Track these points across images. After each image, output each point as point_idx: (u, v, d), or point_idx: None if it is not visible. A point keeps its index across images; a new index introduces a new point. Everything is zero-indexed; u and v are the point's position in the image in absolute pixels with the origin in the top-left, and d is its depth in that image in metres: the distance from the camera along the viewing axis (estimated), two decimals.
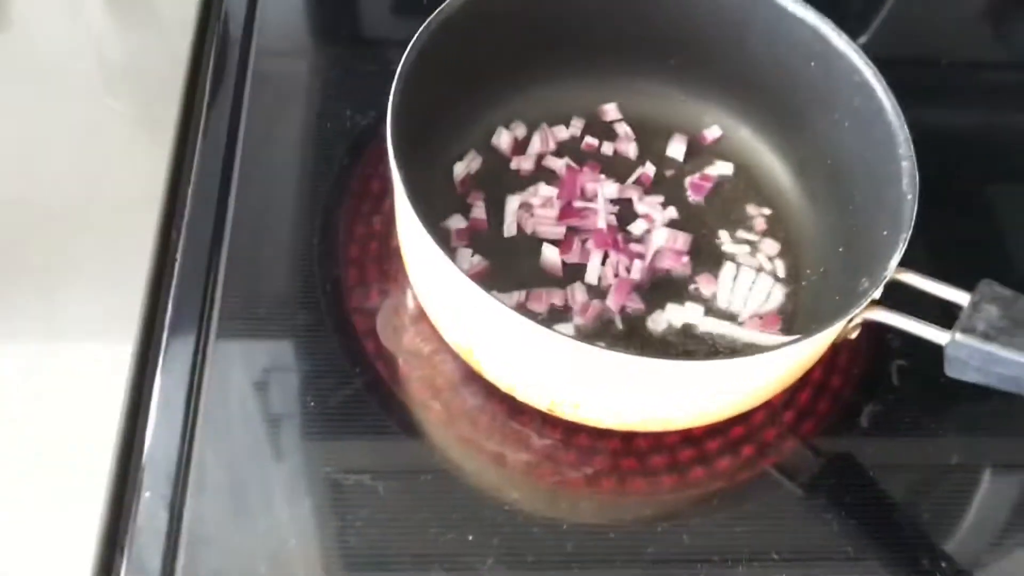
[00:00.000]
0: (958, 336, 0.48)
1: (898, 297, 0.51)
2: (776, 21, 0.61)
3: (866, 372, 0.59)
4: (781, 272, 0.62)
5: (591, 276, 0.60)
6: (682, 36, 0.65)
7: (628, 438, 0.56)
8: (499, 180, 0.64)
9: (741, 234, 0.63)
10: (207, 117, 0.66)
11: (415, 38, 0.56)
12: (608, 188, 0.63)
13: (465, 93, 0.63)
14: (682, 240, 0.62)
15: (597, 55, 0.66)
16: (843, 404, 0.59)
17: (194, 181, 0.63)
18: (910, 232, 0.50)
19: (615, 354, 0.48)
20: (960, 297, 0.50)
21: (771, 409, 0.57)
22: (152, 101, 0.67)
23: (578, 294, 0.60)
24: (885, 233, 0.52)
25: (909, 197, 0.52)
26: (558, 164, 0.64)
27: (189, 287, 0.59)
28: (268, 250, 0.61)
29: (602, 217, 0.62)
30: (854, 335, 0.52)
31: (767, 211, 0.64)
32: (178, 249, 0.60)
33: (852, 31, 0.59)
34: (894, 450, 0.57)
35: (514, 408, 0.56)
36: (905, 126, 0.55)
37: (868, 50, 0.58)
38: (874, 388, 0.59)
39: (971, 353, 0.48)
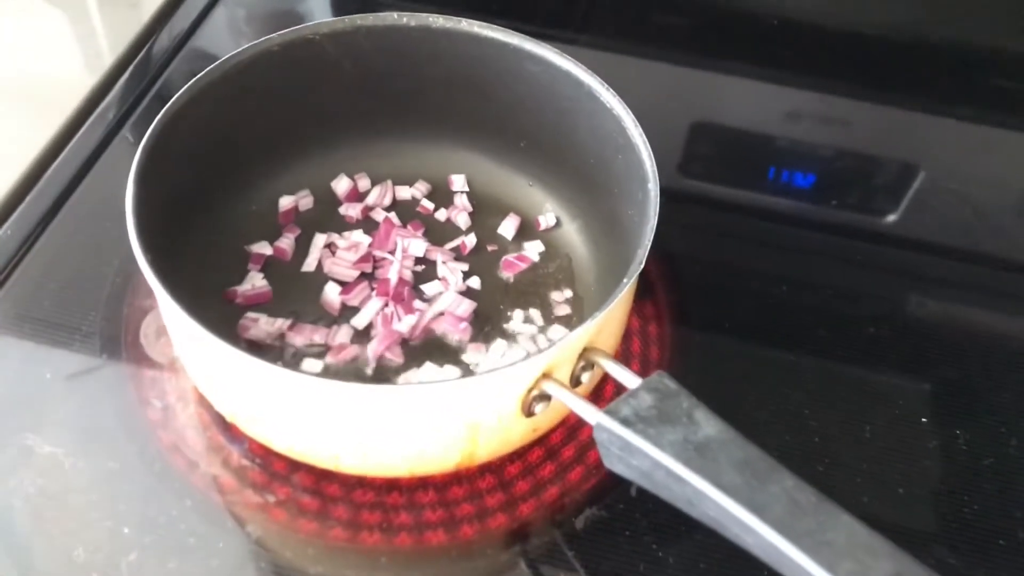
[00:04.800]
0: (602, 418, 0.45)
1: None
2: (601, 114, 0.61)
3: None
4: None
5: (360, 320, 0.61)
6: (523, 121, 0.66)
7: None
8: (323, 221, 0.66)
9: (534, 317, 0.62)
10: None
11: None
12: (415, 245, 0.64)
13: (301, 139, 0.66)
14: (464, 307, 0.61)
15: (454, 126, 0.68)
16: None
17: (37, 188, 0.68)
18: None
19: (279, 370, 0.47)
20: (633, 383, 0.47)
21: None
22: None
23: (340, 334, 0.60)
24: None
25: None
26: (380, 216, 0.66)
27: None
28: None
29: (394, 269, 0.62)
30: (539, 408, 0.50)
31: (569, 296, 0.63)
32: None
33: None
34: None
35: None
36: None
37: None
38: None
39: (611, 438, 0.45)
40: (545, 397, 0.50)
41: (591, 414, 0.46)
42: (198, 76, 0.58)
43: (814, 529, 0.40)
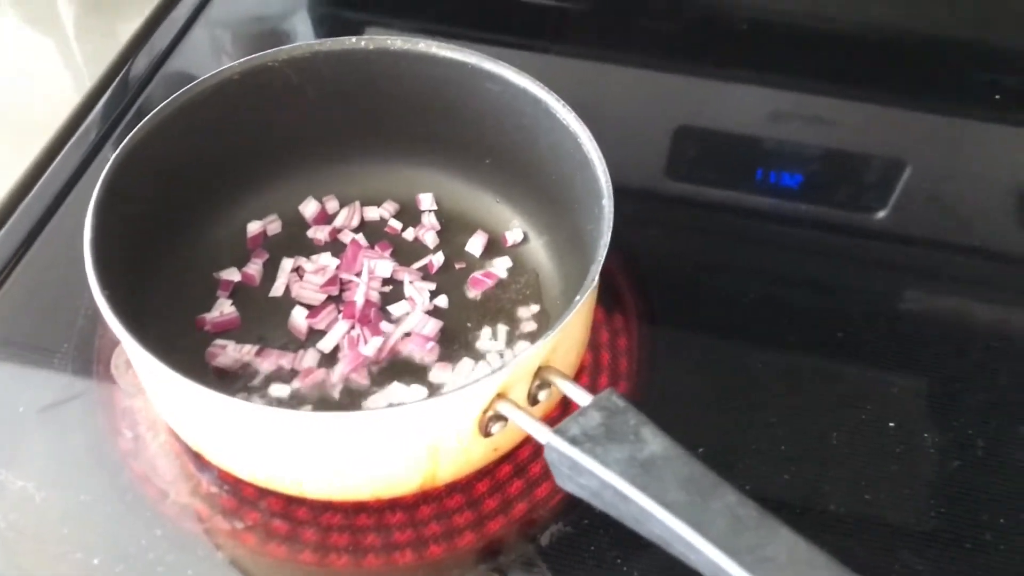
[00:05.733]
0: (551, 438, 0.45)
1: None
2: (558, 131, 0.61)
3: None
4: None
5: (326, 344, 0.61)
6: (487, 139, 0.66)
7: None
8: (291, 245, 0.66)
9: (501, 333, 0.63)
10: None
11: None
12: (381, 267, 0.64)
13: (267, 165, 0.67)
14: (431, 327, 0.62)
15: (419, 146, 0.69)
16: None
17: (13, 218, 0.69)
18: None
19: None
20: (584, 401, 0.47)
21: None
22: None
23: (307, 359, 0.60)
24: None
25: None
26: (348, 238, 0.66)
27: None
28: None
29: (361, 292, 0.63)
30: (496, 428, 0.50)
31: (537, 311, 0.64)
32: None
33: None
34: None
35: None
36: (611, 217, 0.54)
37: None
38: None
39: (561, 458, 0.45)
40: (502, 417, 0.50)
41: (541, 434, 0.47)
42: (156, 109, 0.59)
43: (755, 545, 0.40)
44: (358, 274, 0.64)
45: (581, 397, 0.48)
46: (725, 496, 0.42)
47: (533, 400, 0.52)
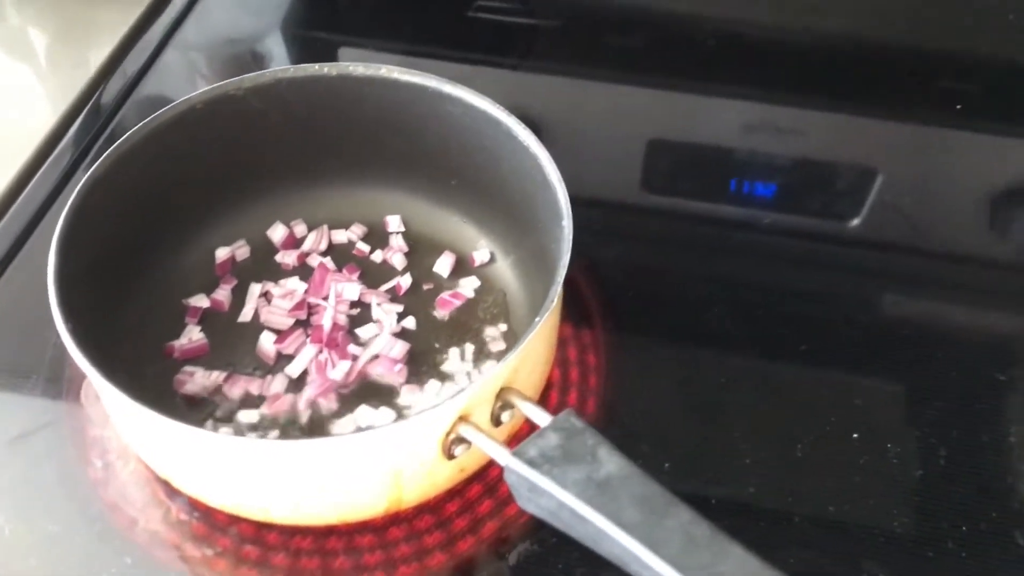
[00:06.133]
0: (509, 460, 0.46)
1: None
2: (520, 152, 0.62)
3: None
4: None
5: (294, 369, 0.61)
6: (452, 161, 0.67)
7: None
8: (260, 270, 0.67)
9: (469, 354, 0.63)
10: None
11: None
12: (349, 290, 0.65)
13: (234, 191, 0.68)
14: (398, 349, 0.62)
15: (386, 169, 0.69)
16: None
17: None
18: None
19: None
20: (544, 422, 0.48)
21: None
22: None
23: (275, 384, 0.61)
24: None
25: None
26: (315, 262, 0.67)
27: None
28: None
29: (328, 315, 0.63)
30: (458, 451, 0.51)
31: (504, 330, 0.64)
32: None
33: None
34: None
35: None
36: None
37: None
38: None
39: (520, 480, 0.46)
40: (465, 440, 0.51)
41: (501, 456, 0.47)
42: (121, 139, 0.60)
43: (708, 563, 0.41)
44: (326, 298, 0.65)
45: (541, 418, 0.48)
46: (679, 514, 0.42)
47: (496, 421, 0.53)
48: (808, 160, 0.81)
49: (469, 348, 0.63)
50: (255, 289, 0.65)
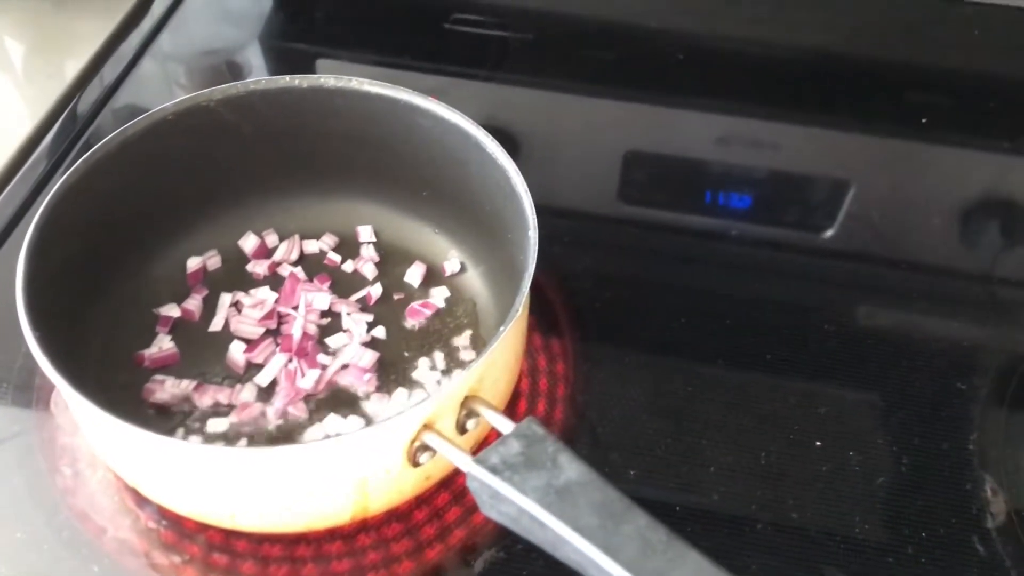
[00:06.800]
0: (472, 467, 0.47)
1: None
2: (489, 164, 0.62)
3: None
4: None
5: (263, 378, 0.62)
6: (423, 172, 0.67)
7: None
8: (231, 279, 0.67)
9: (438, 363, 0.64)
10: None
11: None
12: (319, 299, 0.65)
13: (206, 201, 0.68)
14: (367, 358, 0.63)
15: (358, 179, 0.70)
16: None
17: None
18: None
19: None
20: (507, 429, 0.49)
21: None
22: None
23: (243, 393, 0.61)
24: None
25: None
26: (287, 271, 0.67)
27: None
28: None
29: (298, 325, 0.64)
30: (423, 458, 0.51)
31: (474, 340, 0.65)
32: None
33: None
34: None
35: None
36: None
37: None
38: None
39: (482, 486, 0.46)
40: (430, 448, 0.51)
41: (464, 463, 0.48)
42: (92, 150, 0.60)
43: (663, 568, 0.41)
44: (296, 307, 0.65)
45: (504, 425, 0.49)
46: (636, 520, 0.43)
47: (462, 429, 0.53)
48: (782, 172, 0.82)
49: (439, 357, 0.64)
50: (226, 299, 0.66)
